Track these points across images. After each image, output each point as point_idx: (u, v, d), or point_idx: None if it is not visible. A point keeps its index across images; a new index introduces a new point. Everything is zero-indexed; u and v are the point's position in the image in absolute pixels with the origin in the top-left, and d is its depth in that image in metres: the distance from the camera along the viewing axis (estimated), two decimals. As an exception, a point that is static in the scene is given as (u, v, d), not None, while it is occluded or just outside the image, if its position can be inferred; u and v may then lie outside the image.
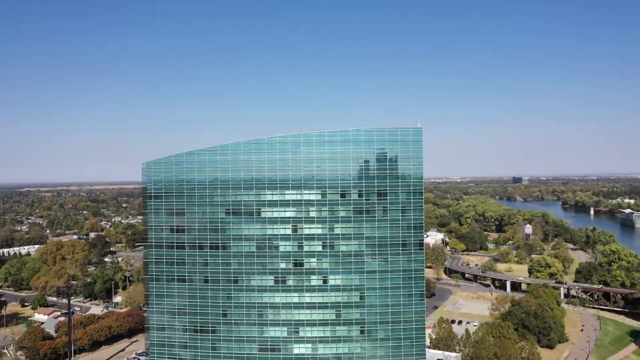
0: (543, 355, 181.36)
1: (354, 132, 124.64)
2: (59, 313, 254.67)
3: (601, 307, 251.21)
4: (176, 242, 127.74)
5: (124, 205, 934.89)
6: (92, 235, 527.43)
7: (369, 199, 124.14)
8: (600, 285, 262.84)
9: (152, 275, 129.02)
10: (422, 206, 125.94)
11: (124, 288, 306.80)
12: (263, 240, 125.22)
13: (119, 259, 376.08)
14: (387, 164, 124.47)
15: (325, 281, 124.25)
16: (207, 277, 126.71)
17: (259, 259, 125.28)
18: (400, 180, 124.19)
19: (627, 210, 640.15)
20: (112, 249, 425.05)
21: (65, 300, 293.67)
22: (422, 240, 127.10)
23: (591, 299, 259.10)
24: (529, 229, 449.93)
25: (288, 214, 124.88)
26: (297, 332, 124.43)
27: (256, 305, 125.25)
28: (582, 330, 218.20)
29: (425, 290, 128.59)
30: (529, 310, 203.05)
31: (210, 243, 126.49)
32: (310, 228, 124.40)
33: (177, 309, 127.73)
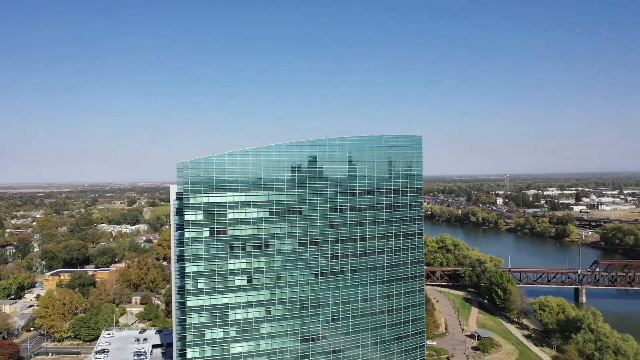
0: (430, 321, 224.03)
1: (377, 138, 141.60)
2: None
3: (431, 283, 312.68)
4: (217, 244, 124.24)
5: None
6: None
7: (389, 197, 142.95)
8: (445, 267, 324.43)
9: (190, 277, 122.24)
10: (422, 202, 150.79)
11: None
12: (304, 237, 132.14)
13: None
14: (401, 166, 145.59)
15: (355, 270, 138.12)
16: (251, 276, 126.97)
17: (301, 255, 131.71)
18: (408, 180, 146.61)
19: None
20: None
21: None
22: (422, 230, 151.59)
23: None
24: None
25: (326, 212, 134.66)
26: (335, 320, 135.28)
27: (298, 299, 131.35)
28: (437, 301, 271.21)
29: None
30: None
31: (253, 243, 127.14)
32: (345, 224, 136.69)
33: (218, 311, 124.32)
